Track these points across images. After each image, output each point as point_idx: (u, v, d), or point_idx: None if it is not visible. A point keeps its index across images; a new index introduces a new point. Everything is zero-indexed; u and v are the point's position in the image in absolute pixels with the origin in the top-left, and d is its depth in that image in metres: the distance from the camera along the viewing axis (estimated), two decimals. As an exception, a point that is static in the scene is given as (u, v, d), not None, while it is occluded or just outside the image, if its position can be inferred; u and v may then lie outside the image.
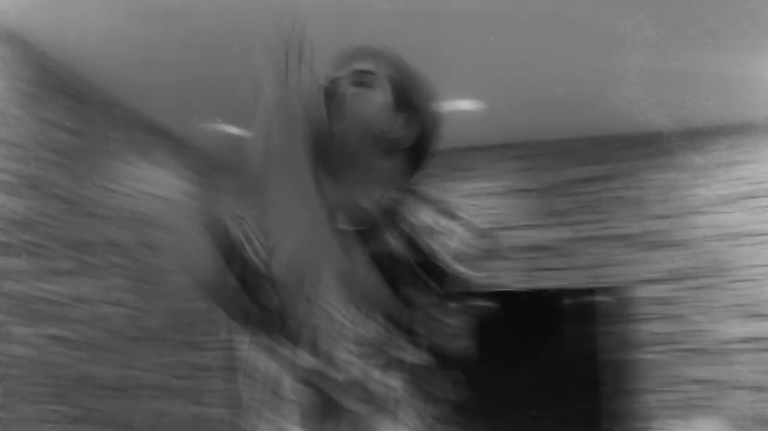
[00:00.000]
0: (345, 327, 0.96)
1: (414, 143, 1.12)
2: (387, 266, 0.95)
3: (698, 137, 3.91)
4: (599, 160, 4.19)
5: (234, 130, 4.39)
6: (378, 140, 1.08)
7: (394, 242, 0.98)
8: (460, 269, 0.98)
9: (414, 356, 0.98)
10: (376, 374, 0.95)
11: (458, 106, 3.91)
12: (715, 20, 2.97)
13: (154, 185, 4.41)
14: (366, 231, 1.00)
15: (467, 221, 1.03)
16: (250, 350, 1.06)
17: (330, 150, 1.05)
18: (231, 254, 1.10)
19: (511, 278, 4.06)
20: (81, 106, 3.89)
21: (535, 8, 3.02)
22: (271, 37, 1.07)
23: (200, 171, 4.82)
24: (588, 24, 3.03)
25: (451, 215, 1.03)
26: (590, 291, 4.00)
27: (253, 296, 1.07)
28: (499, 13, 3.05)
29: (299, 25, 1.08)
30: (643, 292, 3.88)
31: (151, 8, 3.20)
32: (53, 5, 3.28)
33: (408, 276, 0.95)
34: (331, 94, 1.09)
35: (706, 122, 3.75)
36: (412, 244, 0.97)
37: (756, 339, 3.64)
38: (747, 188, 3.88)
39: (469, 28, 3.16)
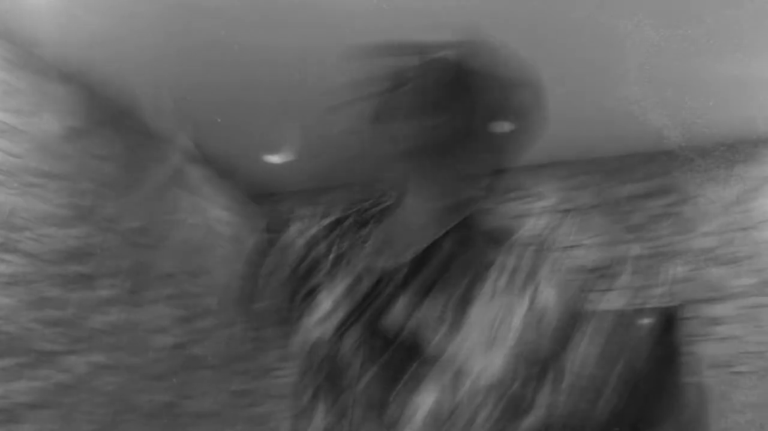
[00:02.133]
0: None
1: (474, 128, 1.06)
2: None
3: (746, 150, 3.82)
4: (650, 176, 4.07)
5: (277, 159, 4.47)
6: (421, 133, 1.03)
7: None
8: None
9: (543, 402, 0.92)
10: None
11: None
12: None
13: (201, 215, 4.51)
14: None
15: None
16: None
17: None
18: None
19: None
20: (129, 139, 3.98)
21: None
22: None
23: (245, 201, 4.91)
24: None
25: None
26: (645, 311, 3.82)
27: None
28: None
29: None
30: (694, 312, 3.72)
31: (201, 41, 3.22)
32: (100, 43, 3.32)
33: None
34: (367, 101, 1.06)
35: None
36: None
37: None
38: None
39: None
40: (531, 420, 0.88)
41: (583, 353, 0.93)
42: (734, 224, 3.81)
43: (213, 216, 4.64)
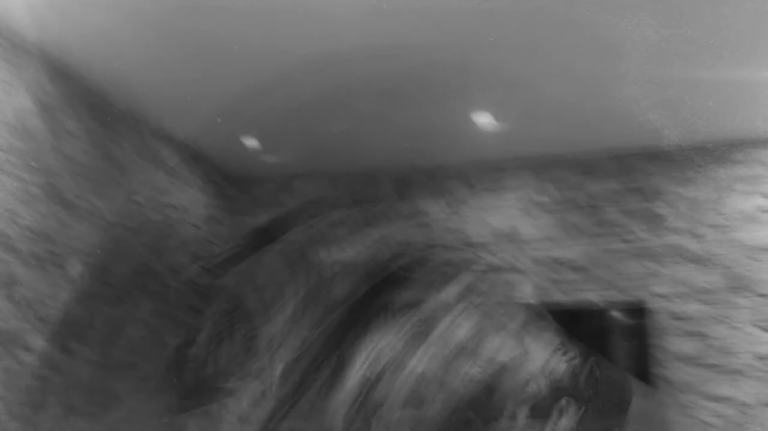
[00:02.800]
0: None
1: None
2: None
3: (721, 150, 3.94)
4: (622, 174, 4.19)
5: (250, 143, 4.47)
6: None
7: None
8: None
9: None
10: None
11: (470, 119, 3.94)
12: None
13: (170, 195, 4.48)
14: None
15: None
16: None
17: None
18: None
19: (528, 292, 4.09)
20: (100, 118, 3.94)
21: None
22: None
23: (215, 182, 4.90)
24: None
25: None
26: (609, 306, 3.94)
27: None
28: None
29: None
30: (663, 307, 3.83)
31: (172, 22, 3.21)
32: (74, 20, 3.30)
33: None
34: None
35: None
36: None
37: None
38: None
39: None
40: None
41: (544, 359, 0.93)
42: (705, 223, 3.93)
43: (189, 198, 4.63)
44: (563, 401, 0.91)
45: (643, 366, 3.72)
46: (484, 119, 3.96)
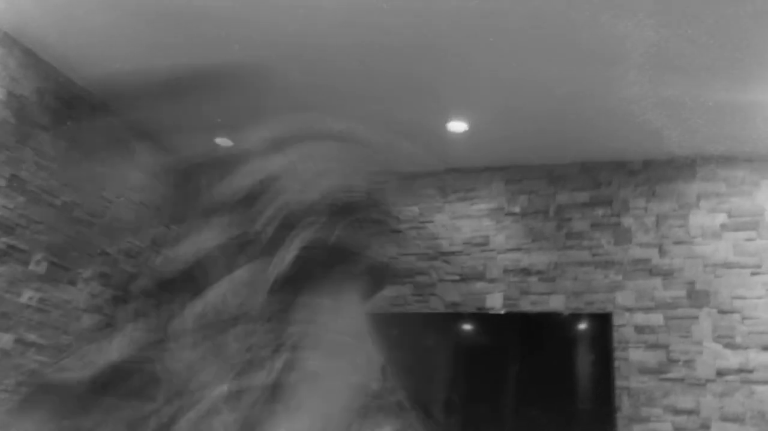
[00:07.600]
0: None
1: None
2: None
3: (686, 167, 4.07)
4: (593, 185, 4.29)
5: (225, 140, 4.45)
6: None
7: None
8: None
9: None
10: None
11: (444, 126, 3.95)
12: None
13: (141, 191, 4.42)
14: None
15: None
16: None
17: None
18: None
19: (496, 301, 4.17)
20: (72, 111, 3.89)
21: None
22: None
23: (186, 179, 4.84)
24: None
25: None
26: (574, 317, 4.02)
27: None
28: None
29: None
30: (627, 320, 3.91)
31: (149, 10, 3.21)
32: (50, 7, 3.28)
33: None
34: None
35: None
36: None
37: (738, 370, 3.64)
38: (731, 221, 3.94)
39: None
40: None
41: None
42: (670, 238, 4.02)
43: (156, 193, 4.57)
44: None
45: (606, 376, 3.79)
46: (458, 126, 4.00)
